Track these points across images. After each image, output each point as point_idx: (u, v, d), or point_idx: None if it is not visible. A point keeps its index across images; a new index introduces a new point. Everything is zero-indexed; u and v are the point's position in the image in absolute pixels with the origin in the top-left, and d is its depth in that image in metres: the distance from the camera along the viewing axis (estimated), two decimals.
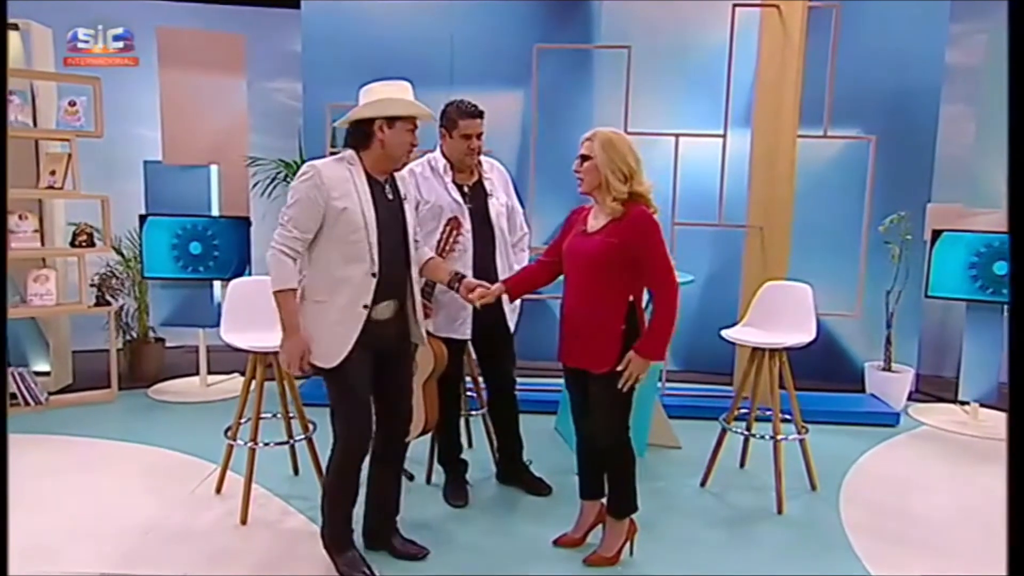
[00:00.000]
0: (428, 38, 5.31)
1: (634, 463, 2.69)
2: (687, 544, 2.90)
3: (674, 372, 5.11)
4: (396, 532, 2.74)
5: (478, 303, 2.66)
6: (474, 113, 2.87)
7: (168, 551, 2.75)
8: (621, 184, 2.48)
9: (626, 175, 2.48)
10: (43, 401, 4.31)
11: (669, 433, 3.93)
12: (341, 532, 2.58)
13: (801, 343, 3.26)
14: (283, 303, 2.37)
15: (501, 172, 3.12)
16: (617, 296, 2.50)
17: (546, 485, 3.23)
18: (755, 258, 4.54)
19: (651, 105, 4.98)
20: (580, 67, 5.28)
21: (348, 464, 2.50)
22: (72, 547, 2.76)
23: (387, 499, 2.72)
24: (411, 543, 2.72)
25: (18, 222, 4.21)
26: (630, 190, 2.49)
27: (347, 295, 2.38)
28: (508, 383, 3.18)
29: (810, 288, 3.40)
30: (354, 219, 2.35)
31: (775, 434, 3.24)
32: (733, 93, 4.41)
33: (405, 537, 2.74)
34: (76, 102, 4.27)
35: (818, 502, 3.30)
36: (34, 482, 3.35)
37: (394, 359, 2.57)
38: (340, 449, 2.49)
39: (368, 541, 2.71)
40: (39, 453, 3.73)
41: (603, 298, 2.52)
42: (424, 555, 2.69)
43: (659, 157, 4.51)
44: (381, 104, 2.39)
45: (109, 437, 3.92)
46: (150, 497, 3.21)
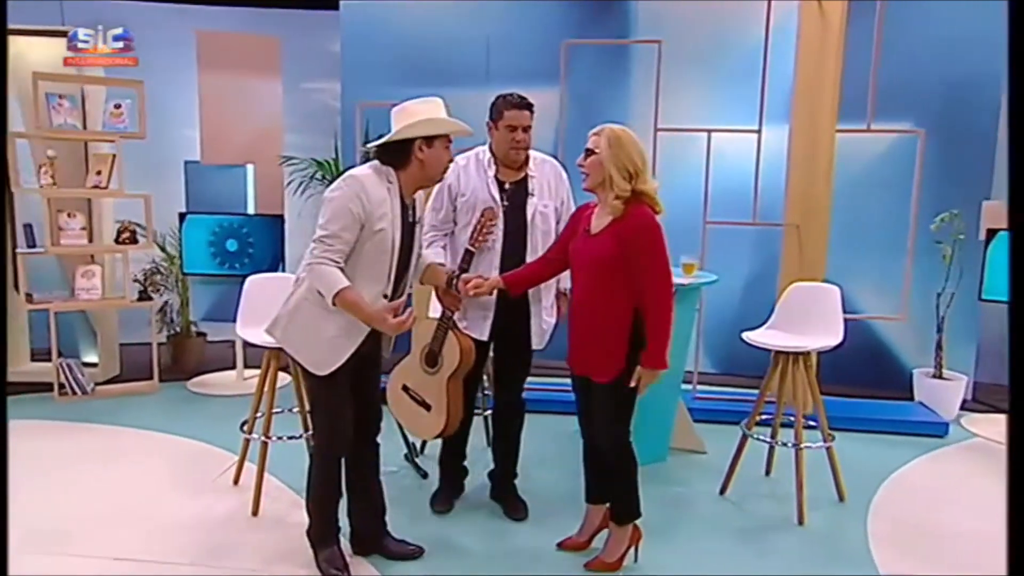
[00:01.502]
0: (464, 37, 5.33)
1: (635, 468, 2.63)
2: (696, 552, 2.81)
3: (711, 375, 4.96)
4: (386, 533, 2.72)
5: (471, 294, 2.64)
6: (521, 104, 2.76)
7: (178, 540, 2.82)
8: (625, 182, 2.41)
9: (631, 173, 2.41)
10: (89, 391, 4.51)
11: (694, 437, 3.82)
12: (323, 529, 2.59)
13: (827, 347, 3.11)
14: (347, 302, 2.28)
15: (553, 170, 2.93)
16: (621, 303, 2.43)
17: (524, 509, 3.05)
18: (792, 258, 4.37)
19: (687, 101, 4.86)
20: (617, 64, 5.20)
21: (329, 463, 2.51)
22: (87, 532, 2.87)
23: (372, 499, 2.70)
24: (404, 543, 2.71)
25: (67, 220, 4.43)
26: (634, 188, 2.42)
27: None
28: (514, 394, 3.05)
29: (838, 289, 3.25)
30: (386, 243, 2.34)
31: (797, 441, 3.10)
32: (773, 88, 4.26)
33: (396, 538, 2.72)
34: (121, 105, 4.45)
35: (844, 514, 3.15)
36: (67, 468, 3.51)
37: (368, 359, 2.54)
38: (321, 450, 2.51)
39: (357, 547, 2.69)
40: (78, 440, 3.91)
41: (607, 305, 2.46)
42: (419, 554, 2.68)
43: (696, 154, 4.40)
44: (423, 125, 2.35)
45: (146, 427, 4.07)
46: (173, 486, 3.32)
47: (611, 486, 2.67)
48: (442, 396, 2.83)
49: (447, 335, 2.80)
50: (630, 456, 2.61)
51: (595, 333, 2.49)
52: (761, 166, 4.30)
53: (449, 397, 2.83)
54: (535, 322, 2.89)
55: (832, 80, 4.16)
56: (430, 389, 2.87)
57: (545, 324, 2.93)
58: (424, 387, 2.89)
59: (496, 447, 3.14)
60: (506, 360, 3.01)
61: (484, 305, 2.83)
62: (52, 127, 4.37)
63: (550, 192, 2.89)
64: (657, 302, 2.40)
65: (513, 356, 2.98)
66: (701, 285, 3.58)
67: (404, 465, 3.53)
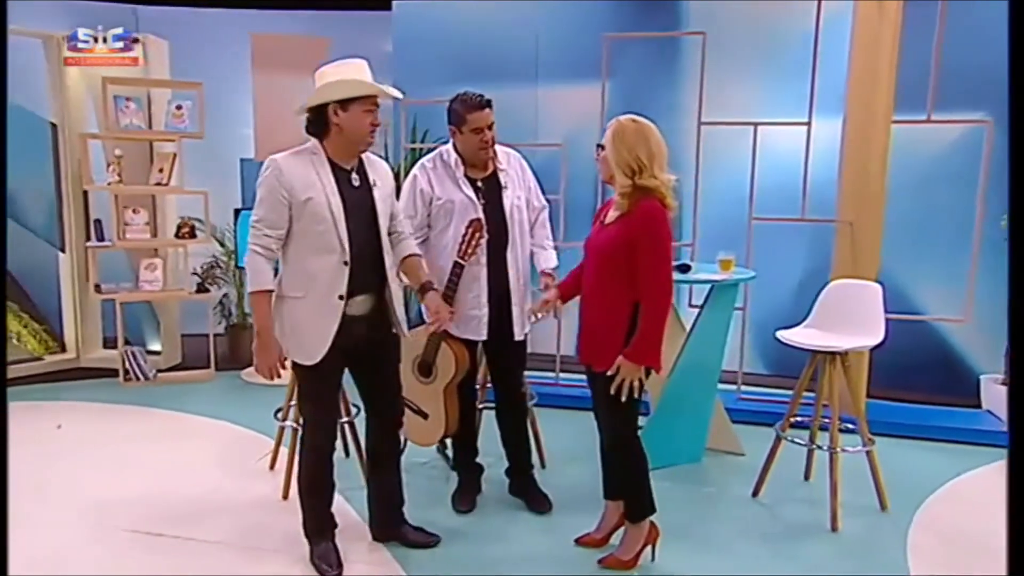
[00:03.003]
0: (513, 35, 5.36)
1: (644, 464, 2.58)
2: (719, 554, 2.74)
3: (761, 376, 4.81)
4: (404, 522, 2.75)
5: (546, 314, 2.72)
6: (481, 104, 2.74)
7: (210, 519, 2.95)
8: (625, 178, 2.37)
9: (633, 169, 2.36)
10: (151, 377, 4.77)
11: (732, 438, 3.71)
12: (315, 524, 2.58)
13: (865, 347, 2.97)
14: (255, 306, 2.33)
15: (518, 161, 2.98)
16: (622, 294, 2.40)
17: (547, 502, 3.04)
18: (845, 256, 4.17)
19: (739, 94, 4.73)
20: (666, 58, 5.11)
21: (316, 456, 2.51)
22: (132, 508, 3.04)
23: (390, 492, 2.72)
24: (421, 531, 2.74)
25: (132, 216, 4.70)
26: (637, 183, 2.36)
27: (322, 287, 2.33)
28: (512, 389, 3.05)
29: (880, 288, 3.09)
30: (319, 209, 2.29)
31: (832, 444, 2.97)
32: (824, 78, 4.08)
33: (414, 526, 2.75)
34: (182, 106, 4.68)
35: (884, 523, 3.00)
36: (124, 448, 3.74)
37: (375, 354, 2.53)
38: (307, 445, 2.51)
39: (376, 533, 2.74)
40: (135, 423, 4.14)
41: (609, 295, 2.43)
42: (435, 542, 2.71)
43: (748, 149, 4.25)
44: (331, 88, 2.29)
45: (200, 413, 4.27)
46: (215, 469, 3.47)
47: (620, 482, 2.63)
48: (440, 405, 2.88)
49: (440, 346, 2.83)
50: (633, 451, 2.55)
51: (596, 323, 2.48)
52: (813, 161, 4.14)
53: (447, 406, 2.89)
54: (515, 311, 2.90)
55: (888, 67, 3.95)
56: (426, 398, 2.92)
57: (526, 312, 2.92)
58: (419, 396, 2.94)
59: (506, 443, 3.13)
60: (498, 355, 3.02)
61: (477, 305, 2.84)
62: (119, 128, 4.64)
63: (519, 183, 2.92)
64: (649, 296, 2.35)
65: (504, 350, 2.98)
66: (739, 281, 3.48)
67: (435, 456, 3.58)
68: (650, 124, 2.43)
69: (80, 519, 2.95)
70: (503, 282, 2.85)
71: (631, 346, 2.36)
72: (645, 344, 2.35)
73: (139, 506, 3.05)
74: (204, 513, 3.00)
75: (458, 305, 2.82)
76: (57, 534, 2.84)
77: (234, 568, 2.60)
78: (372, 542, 2.75)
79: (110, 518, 2.95)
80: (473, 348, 2.95)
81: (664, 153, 2.41)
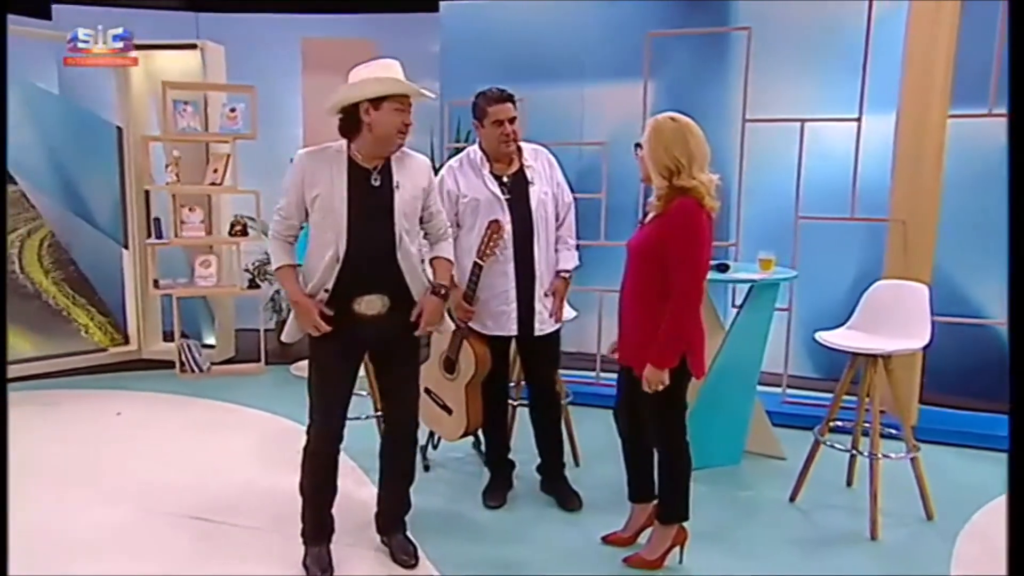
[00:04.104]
0: (559, 34, 5.36)
1: (688, 469, 2.55)
2: (749, 558, 2.69)
3: (809, 379, 4.68)
4: (397, 531, 2.67)
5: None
6: (502, 98, 2.77)
7: (250, 506, 3.06)
8: (662, 179, 2.33)
9: (671, 169, 2.30)
10: (205, 369, 4.97)
11: (772, 441, 3.62)
12: (309, 527, 2.56)
13: (908, 350, 2.87)
14: (282, 281, 2.45)
15: (547, 159, 2.99)
16: (657, 296, 2.35)
17: (578, 500, 3.04)
18: (897, 256, 4.02)
19: (788, 91, 4.61)
20: (714, 56, 5.01)
21: (315, 458, 2.49)
22: (175, 491, 3.19)
23: (389, 498, 2.68)
24: (406, 546, 2.63)
25: (188, 214, 4.90)
26: (674, 184, 2.31)
27: (317, 281, 2.36)
28: (544, 387, 3.06)
29: (926, 288, 2.97)
30: (325, 204, 2.32)
31: (872, 450, 2.87)
32: (878, 74, 3.95)
33: (407, 537, 2.67)
34: (236, 108, 4.86)
35: (929, 533, 2.89)
36: (173, 436, 3.92)
37: (391, 355, 2.52)
38: (309, 448, 2.50)
39: (379, 528, 2.72)
40: (188, 413, 4.32)
41: (645, 297, 2.41)
42: (412, 565, 2.57)
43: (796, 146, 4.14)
44: (364, 85, 2.30)
45: (249, 405, 4.42)
46: (259, 459, 3.60)
47: (659, 484, 2.59)
48: (461, 402, 2.91)
49: (462, 344, 2.87)
50: (680, 456, 2.52)
51: (632, 323, 2.46)
52: (864, 158, 4.00)
53: (468, 403, 2.92)
54: (538, 307, 2.90)
55: (944, 61, 3.79)
56: (450, 394, 2.96)
57: (546, 309, 2.91)
58: (444, 392, 2.99)
59: (538, 440, 3.15)
60: (530, 353, 3.03)
61: (505, 301, 2.86)
62: (177, 130, 4.85)
63: (546, 179, 2.92)
64: (675, 295, 2.30)
65: (535, 347, 2.98)
66: (780, 281, 3.40)
67: (471, 452, 3.61)
68: (690, 122, 2.36)
69: (130, 500, 3.10)
70: (531, 278, 2.87)
71: (652, 348, 2.33)
72: (661, 346, 2.32)
73: (186, 491, 3.19)
74: (245, 500, 3.12)
75: (486, 302, 2.86)
76: (108, 512, 3.00)
77: (268, 554, 2.69)
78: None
79: (157, 501, 3.10)
80: (502, 346, 2.97)
81: (705, 153, 2.34)
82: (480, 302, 2.87)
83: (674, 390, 2.41)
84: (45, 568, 2.59)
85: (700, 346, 2.44)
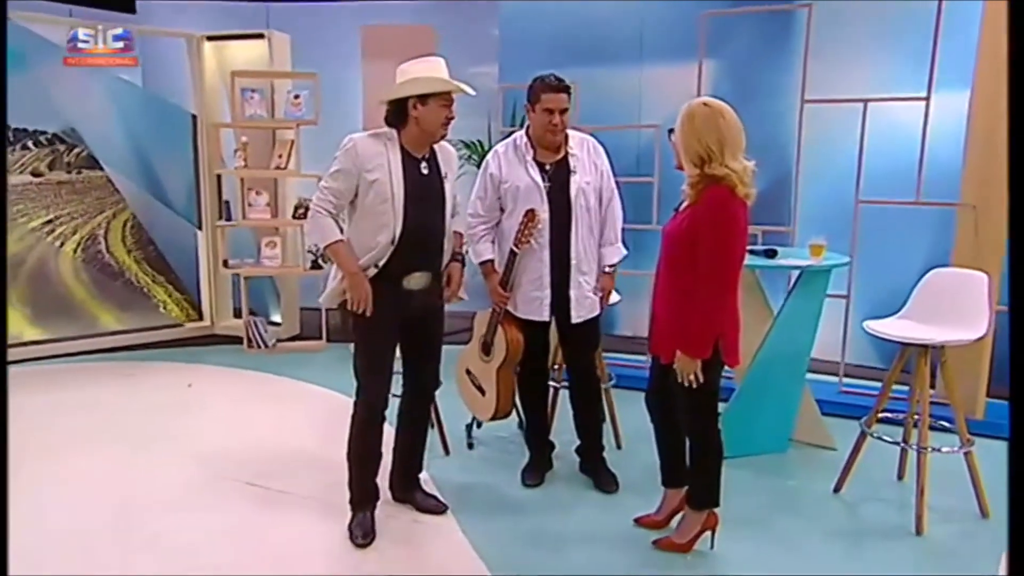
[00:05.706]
0: (618, 16, 5.31)
1: (719, 456, 2.53)
2: (785, 548, 2.65)
3: (871, 368, 4.52)
4: (418, 488, 2.90)
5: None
6: (557, 87, 2.78)
7: (305, 475, 3.21)
8: (693, 167, 2.29)
9: (702, 157, 2.26)
10: (270, 346, 5.21)
11: (822, 431, 3.54)
12: (356, 492, 2.71)
13: (963, 340, 2.74)
14: (337, 253, 2.52)
15: (593, 148, 2.97)
16: (688, 284, 2.32)
17: (615, 482, 3.08)
18: (966, 243, 3.83)
19: (853, 71, 4.43)
20: (778, 34, 4.85)
21: (362, 421, 2.63)
22: (235, 459, 3.39)
23: (411, 455, 2.87)
24: (432, 498, 2.88)
25: (255, 197, 5.12)
26: (706, 172, 2.26)
27: (370, 260, 2.51)
28: (583, 371, 3.09)
29: (986, 277, 2.83)
30: (383, 190, 2.47)
31: (920, 442, 2.77)
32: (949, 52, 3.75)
33: (427, 492, 2.90)
34: (299, 95, 5.03)
35: (981, 530, 2.78)
36: (238, 407, 4.16)
37: (420, 320, 2.67)
38: (357, 416, 2.64)
39: (393, 493, 2.90)
40: (253, 386, 4.56)
41: (677, 286, 2.39)
42: (443, 510, 2.82)
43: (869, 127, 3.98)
44: (413, 84, 2.48)
45: (309, 380, 4.62)
46: (315, 431, 3.76)
47: (691, 469, 2.58)
48: (492, 384, 2.99)
49: (497, 327, 2.94)
50: (711, 443, 2.51)
51: (664, 311, 2.45)
52: (933, 140, 3.81)
53: (499, 386, 2.99)
54: (573, 293, 2.90)
55: None
56: (485, 376, 3.05)
57: (586, 296, 2.92)
58: (481, 373, 3.08)
59: (577, 422, 3.19)
60: (568, 337, 3.05)
61: (539, 287, 2.88)
62: (245, 117, 5.07)
63: (591, 168, 2.90)
64: (703, 283, 2.27)
65: (572, 332, 3.00)
66: (831, 268, 3.30)
67: (515, 432, 3.68)
68: (724, 107, 2.29)
69: (196, 466, 3.32)
70: (566, 265, 2.89)
71: (683, 338, 2.33)
72: (690, 335, 2.31)
73: (247, 460, 3.38)
74: (300, 469, 3.28)
75: (520, 287, 2.91)
76: (176, 474, 3.24)
77: (317, 520, 2.83)
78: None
79: (220, 468, 3.30)
80: (540, 330, 3.01)
81: (740, 138, 2.27)
82: (515, 286, 2.92)
83: (705, 377, 2.39)
84: (130, 519, 2.85)
85: (734, 334, 2.41)
